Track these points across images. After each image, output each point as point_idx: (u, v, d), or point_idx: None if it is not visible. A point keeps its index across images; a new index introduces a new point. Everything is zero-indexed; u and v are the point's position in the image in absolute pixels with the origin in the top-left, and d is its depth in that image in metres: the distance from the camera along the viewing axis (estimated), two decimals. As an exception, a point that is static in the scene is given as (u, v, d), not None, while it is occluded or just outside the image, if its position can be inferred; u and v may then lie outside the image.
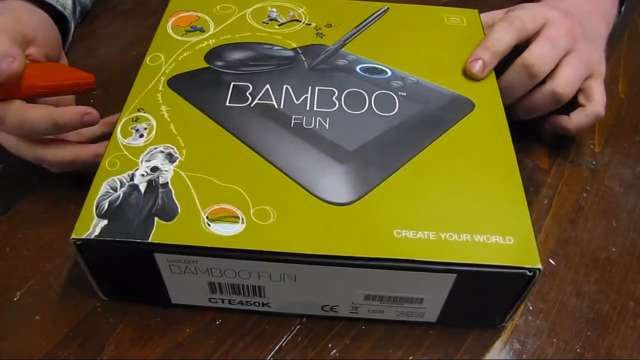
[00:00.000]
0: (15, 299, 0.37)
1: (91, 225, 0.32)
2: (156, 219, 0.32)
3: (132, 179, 0.34)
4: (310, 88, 0.40)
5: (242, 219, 0.32)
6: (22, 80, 0.36)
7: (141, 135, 0.36)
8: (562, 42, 0.42)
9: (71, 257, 0.38)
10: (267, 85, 0.40)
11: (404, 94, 0.40)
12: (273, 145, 0.36)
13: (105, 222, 0.32)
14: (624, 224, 0.41)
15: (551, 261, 0.39)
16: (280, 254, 0.31)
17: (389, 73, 0.41)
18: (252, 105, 0.38)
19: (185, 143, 0.36)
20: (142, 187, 0.33)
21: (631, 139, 0.48)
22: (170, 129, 0.37)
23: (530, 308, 0.35)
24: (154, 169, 0.34)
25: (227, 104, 0.38)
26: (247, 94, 0.39)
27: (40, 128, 0.37)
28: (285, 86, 0.40)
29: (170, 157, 0.35)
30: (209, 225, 0.32)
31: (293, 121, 0.37)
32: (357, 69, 0.42)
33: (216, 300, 0.35)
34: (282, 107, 0.38)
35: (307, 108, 0.38)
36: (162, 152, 0.35)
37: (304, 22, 0.45)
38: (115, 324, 0.36)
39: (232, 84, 0.40)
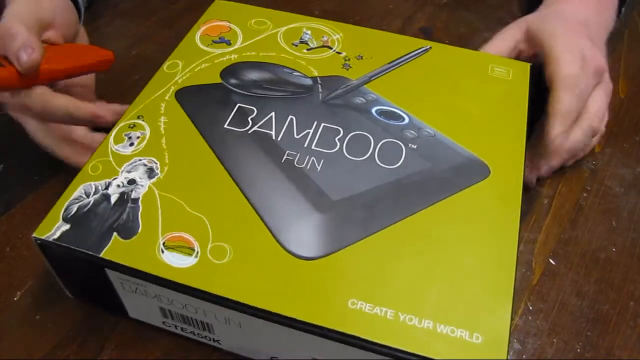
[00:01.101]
0: (15, 299, 0.37)
1: (54, 227, 0.32)
2: (115, 234, 0.31)
3: (107, 187, 0.33)
4: (315, 123, 0.38)
5: (197, 252, 0.31)
6: (42, 67, 0.37)
7: (131, 144, 0.36)
8: (590, 83, 0.42)
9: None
10: (272, 113, 0.38)
11: (414, 146, 0.37)
12: (255, 179, 0.34)
13: (67, 226, 0.32)
14: (624, 224, 0.41)
15: (551, 261, 0.39)
16: (224, 299, 0.29)
17: (406, 120, 0.38)
18: (249, 131, 0.37)
19: (169, 160, 0.35)
20: (113, 199, 0.33)
21: (631, 139, 0.47)
22: (161, 142, 0.36)
23: (530, 308, 0.34)
24: (131, 182, 0.34)
25: (225, 125, 0.37)
26: (249, 118, 0.38)
27: (57, 116, 0.38)
28: (290, 117, 0.38)
29: (151, 172, 0.34)
30: (162, 252, 0.31)
31: (285, 157, 0.35)
32: (373, 110, 0.39)
33: (169, 325, 0.34)
34: (279, 139, 0.37)
35: (305, 145, 0.36)
36: (144, 165, 0.35)
37: (334, 50, 0.43)
38: (115, 323, 0.36)
39: (238, 105, 0.39)
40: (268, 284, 0.30)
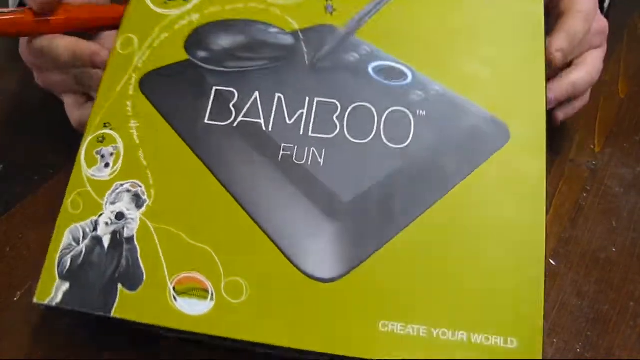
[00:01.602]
0: (15, 299, 0.37)
1: (53, 288, 0.29)
2: (119, 286, 0.29)
3: (95, 228, 0.30)
4: (307, 100, 0.33)
5: (212, 293, 0.29)
6: (59, 16, 0.37)
7: (106, 164, 0.32)
8: (593, 39, 0.39)
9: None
10: (256, 94, 0.33)
11: (423, 112, 0.32)
12: (254, 190, 0.31)
13: (67, 285, 0.29)
14: (624, 224, 0.40)
15: (551, 261, 0.39)
16: (249, 343, 0.28)
17: (409, 78, 0.33)
18: (235, 124, 0.32)
19: (154, 179, 0.31)
20: (106, 241, 0.30)
21: (631, 139, 0.46)
22: (139, 156, 0.32)
23: None
24: (119, 216, 0.30)
25: (205, 120, 0.32)
26: (231, 105, 0.33)
27: (63, 57, 0.37)
28: (277, 95, 0.33)
29: (138, 200, 0.31)
30: (175, 299, 0.29)
31: (281, 152, 0.31)
32: (370, 69, 0.33)
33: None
34: (270, 128, 0.32)
35: (301, 132, 0.32)
36: (128, 191, 0.31)
37: (312, -13, 0.36)
38: (116, 323, 0.36)
39: (215, 89, 0.33)
40: (292, 318, 0.28)
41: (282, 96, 0.33)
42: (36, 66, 0.40)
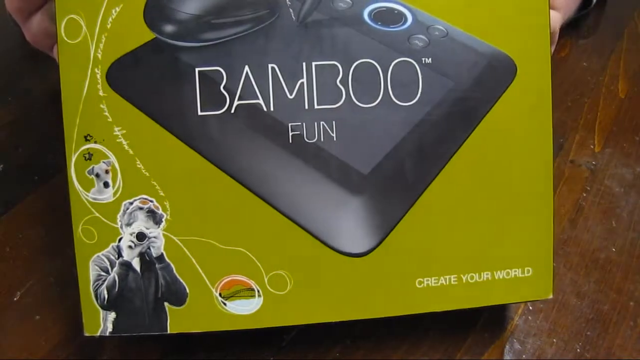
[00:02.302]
0: (15, 299, 0.36)
1: (100, 319, 0.30)
2: (166, 304, 0.30)
3: (119, 254, 0.29)
4: (304, 66, 0.29)
5: (258, 291, 0.30)
6: None
7: (106, 184, 0.29)
8: None
9: (71, 257, 0.35)
10: (246, 68, 0.29)
11: (429, 60, 0.30)
12: (272, 179, 0.29)
13: (113, 314, 0.30)
14: (624, 224, 0.41)
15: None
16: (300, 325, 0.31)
17: (410, 19, 0.30)
18: (232, 110, 0.29)
19: (164, 191, 0.29)
20: (136, 264, 0.29)
21: (631, 139, 0.47)
22: (139, 167, 0.29)
23: (530, 308, 0.37)
24: (141, 237, 0.29)
25: (199, 112, 0.29)
26: (222, 88, 0.29)
27: None
28: (270, 66, 0.29)
29: (154, 216, 0.29)
30: (224, 304, 0.30)
31: (291, 133, 0.29)
32: (365, 15, 0.30)
33: None
34: (272, 108, 0.29)
35: (306, 106, 0.29)
36: (140, 208, 0.29)
37: None
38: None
39: (197, 70, 0.29)
40: (337, 295, 0.30)
41: (275, 66, 0.29)
42: (20, 12, 0.35)
